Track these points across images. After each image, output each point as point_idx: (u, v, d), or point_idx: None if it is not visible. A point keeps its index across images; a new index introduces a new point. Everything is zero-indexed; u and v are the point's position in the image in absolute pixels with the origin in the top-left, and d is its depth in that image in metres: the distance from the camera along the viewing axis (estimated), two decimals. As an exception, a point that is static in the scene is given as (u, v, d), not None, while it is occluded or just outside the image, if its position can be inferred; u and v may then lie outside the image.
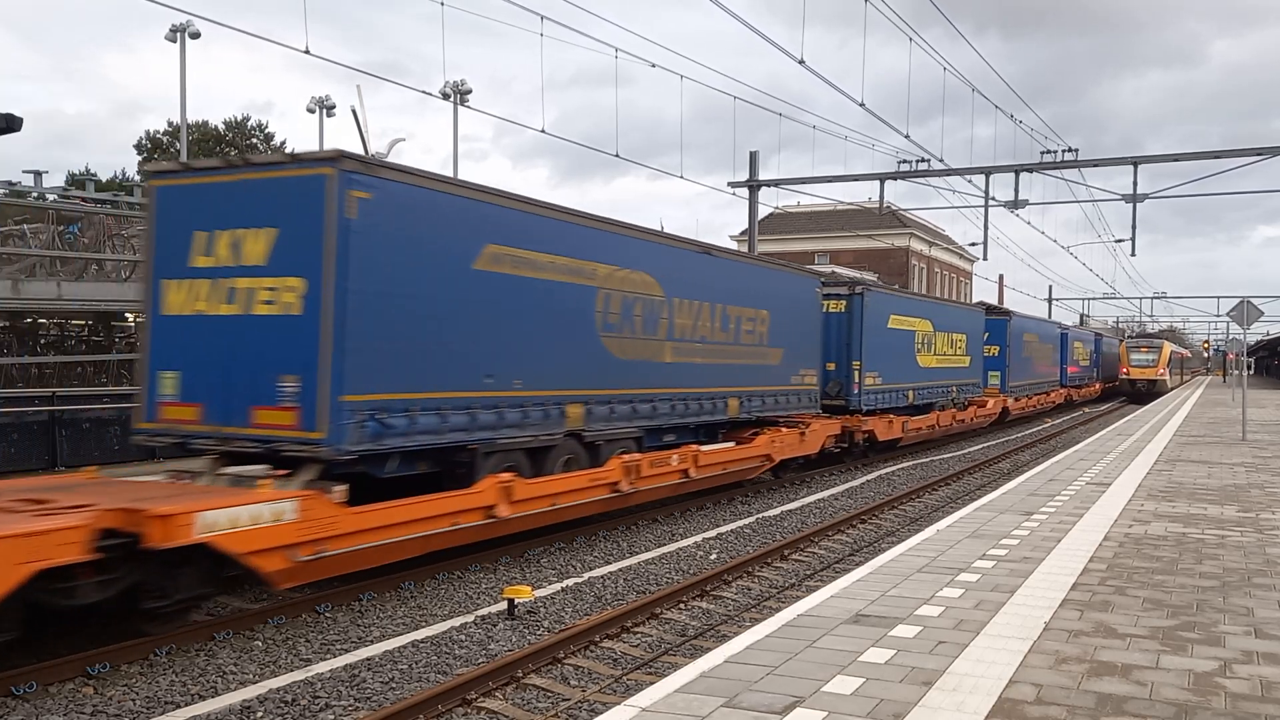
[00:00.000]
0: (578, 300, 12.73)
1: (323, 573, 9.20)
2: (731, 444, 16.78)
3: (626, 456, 13.59)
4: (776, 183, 29.09)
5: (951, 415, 27.76)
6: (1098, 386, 57.50)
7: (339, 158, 9.52)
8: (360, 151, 33.81)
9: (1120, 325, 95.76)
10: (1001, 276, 65.36)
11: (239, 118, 50.56)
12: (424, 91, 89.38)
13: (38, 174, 26.95)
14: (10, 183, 25.59)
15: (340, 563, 9.30)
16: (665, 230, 16.37)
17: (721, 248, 16.98)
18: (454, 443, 10.84)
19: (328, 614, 9.32)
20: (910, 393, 24.63)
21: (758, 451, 17.29)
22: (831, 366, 21.22)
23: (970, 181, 27.37)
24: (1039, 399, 40.10)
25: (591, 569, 11.46)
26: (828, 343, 20.95)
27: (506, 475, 11.24)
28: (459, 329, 10.75)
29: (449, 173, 33.39)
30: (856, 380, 21.44)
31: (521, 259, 11.62)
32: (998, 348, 34.04)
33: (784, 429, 18.32)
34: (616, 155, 31.75)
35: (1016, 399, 35.73)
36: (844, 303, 21.71)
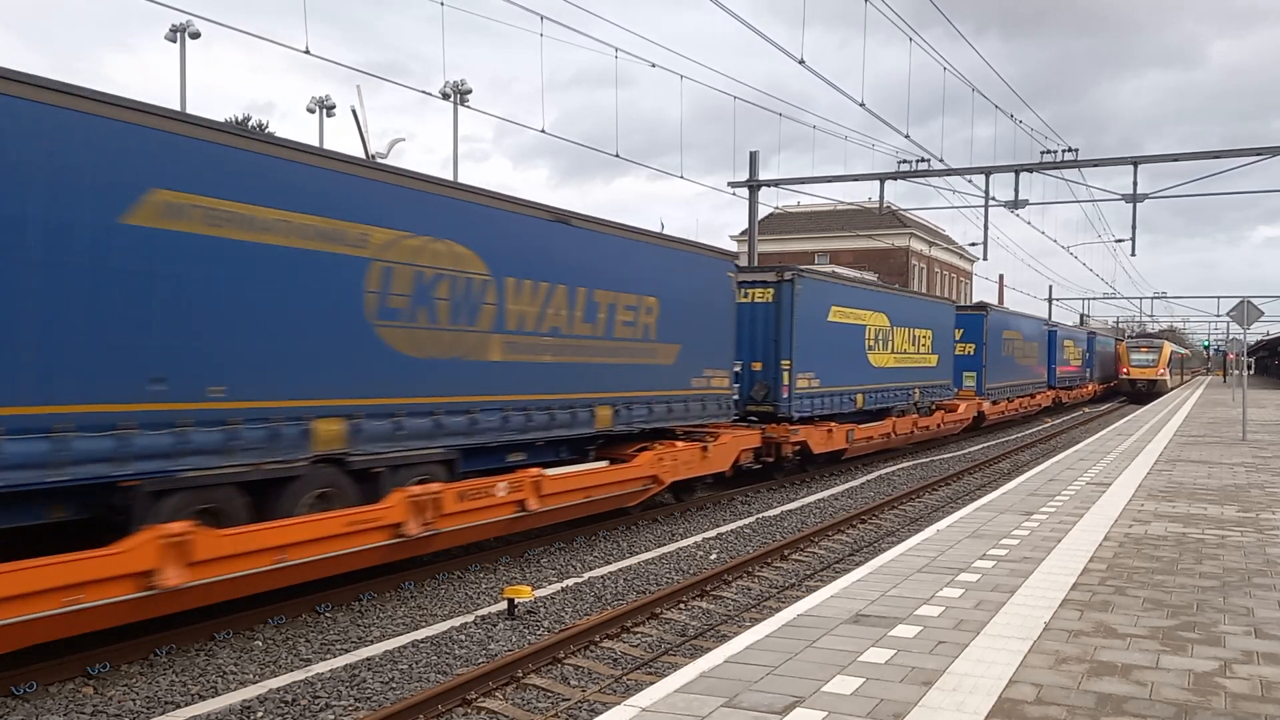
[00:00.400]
0: (334, 276, 9.42)
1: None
2: (604, 463, 13.72)
3: (420, 488, 10.18)
4: (776, 183, 29.08)
5: (912, 422, 24.73)
6: (1092, 388, 54.83)
7: None
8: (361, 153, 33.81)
9: (1120, 325, 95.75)
10: (1001, 276, 65.39)
11: (239, 118, 50.49)
12: (424, 92, 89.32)
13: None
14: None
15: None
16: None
17: (586, 216, 13.24)
18: (88, 479, 7.52)
19: (328, 614, 9.32)
20: (859, 396, 21.69)
21: (637, 473, 13.91)
22: (758, 367, 18.57)
23: (970, 181, 27.37)
24: (1022, 402, 37.28)
25: (591, 569, 11.46)
26: (752, 339, 18.47)
27: (179, 526, 7.86)
28: (90, 311, 7.52)
29: (448, 174, 33.39)
30: (786, 383, 18.45)
31: (223, 214, 8.39)
32: (973, 346, 31.16)
33: (680, 443, 15.12)
34: (616, 155, 31.73)
35: (995, 402, 32.95)
36: (771, 291, 18.70)
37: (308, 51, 14.31)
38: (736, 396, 17.18)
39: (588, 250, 13.09)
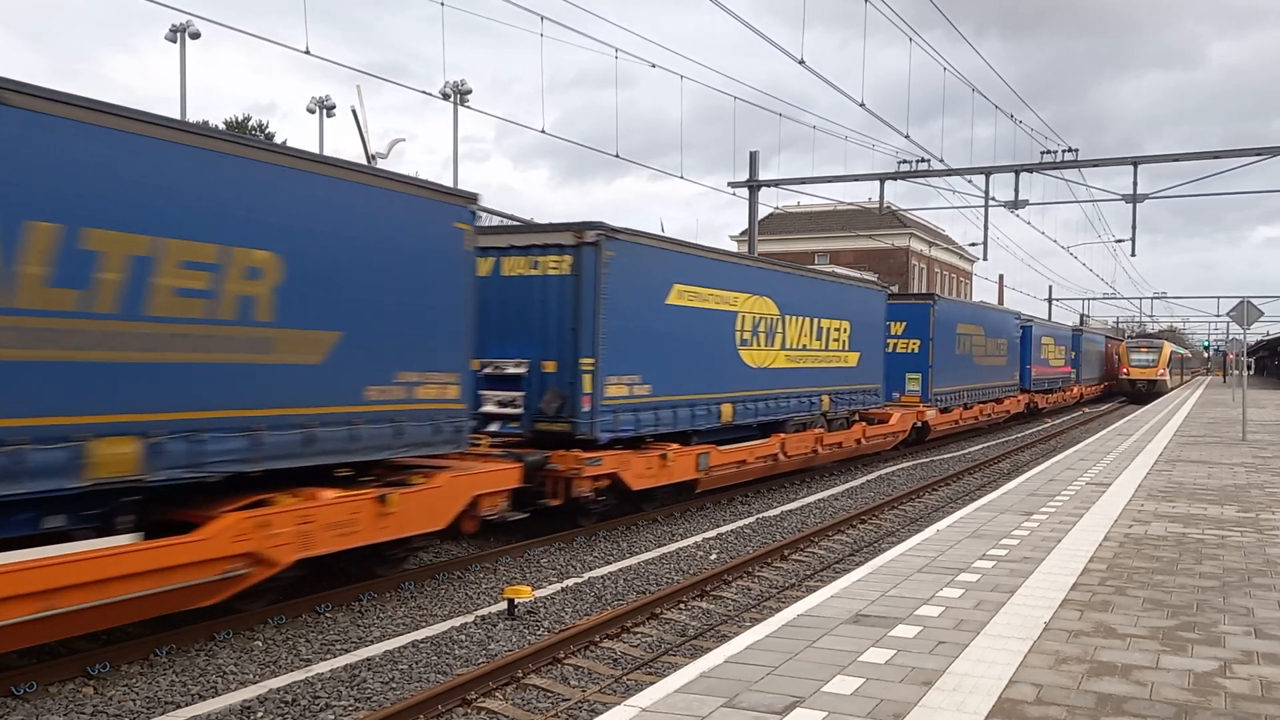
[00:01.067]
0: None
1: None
2: (134, 538, 7.66)
3: None
4: (776, 183, 29.09)
5: (815, 439, 19.07)
6: (1078, 391, 49.66)
7: None
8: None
9: (1120, 325, 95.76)
10: (1001, 276, 65.38)
11: (240, 118, 50.48)
12: (424, 92, 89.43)
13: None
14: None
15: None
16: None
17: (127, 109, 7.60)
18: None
19: (328, 614, 9.32)
20: (725, 408, 16.11)
21: (205, 553, 7.89)
22: (551, 368, 13.11)
23: (970, 181, 27.37)
24: (984, 409, 31.15)
25: (591, 569, 11.46)
26: (543, 327, 13.16)
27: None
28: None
29: (449, 174, 33.25)
30: (588, 390, 12.97)
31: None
32: (918, 342, 26.05)
33: (331, 492, 9.14)
34: (616, 155, 31.75)
35: (945, 409, 26.97)
36: (567, 260, 13.12)
37: (308, 52, 14.33)
38: (475, 412, 11.51)
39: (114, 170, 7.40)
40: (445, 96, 34.51)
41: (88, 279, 7.23)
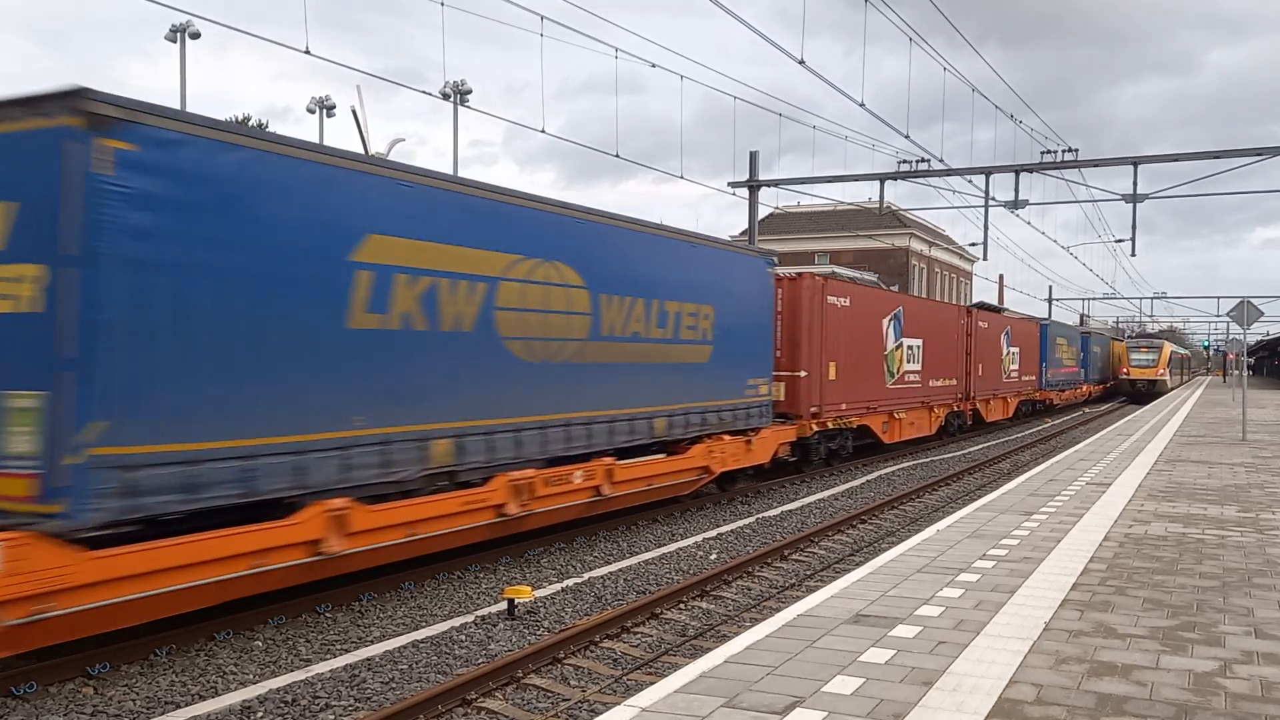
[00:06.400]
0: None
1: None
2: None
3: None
4: (776, 183, 29.08)
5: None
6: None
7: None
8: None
9: (1120, 325, 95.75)
10: (1001, 277, 65.38)
11: (240, 117, 50.47)
12: (424, 92, 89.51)
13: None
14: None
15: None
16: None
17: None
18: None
19: (328, 614, 9.32)
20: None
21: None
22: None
23: (970, 182, 27.36)
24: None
25: (591, 569, 11.46)
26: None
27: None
28: None
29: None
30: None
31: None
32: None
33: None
34: (617, 155, 31.75)
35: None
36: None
37: (307, 51, 14.37)
38: None
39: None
40: (445, 97, 34.58)
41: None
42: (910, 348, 25.01)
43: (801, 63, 18.49)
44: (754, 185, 28.62)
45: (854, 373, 21.27)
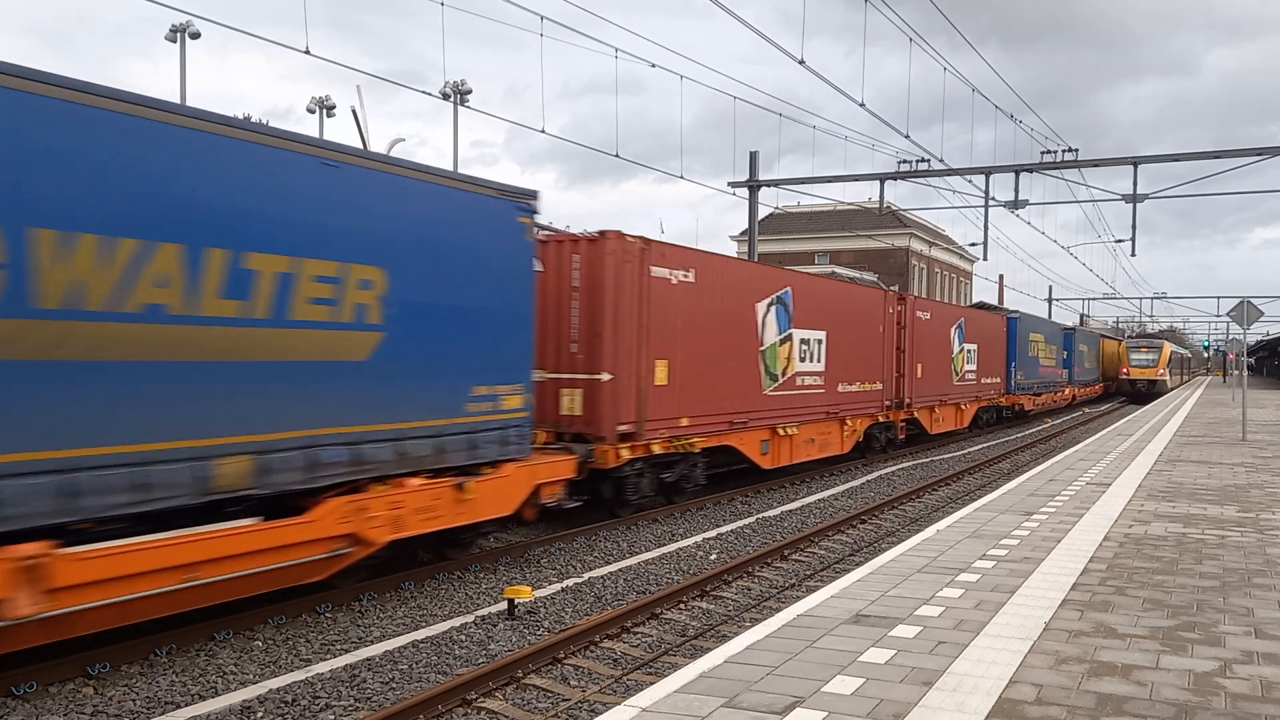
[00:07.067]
0: None
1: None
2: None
3: None
4: (776, 183, 29.10)
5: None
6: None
7: None
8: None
9: (1120, 325, 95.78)
10: (1001, 277, 65.41)
11: (240, 117, 50.56)
12: (424, 92, 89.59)
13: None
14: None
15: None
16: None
17: None
18: None
19: (328, 614, 9.32)
20: None
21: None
22: None
23: (970, 182, 27.39)
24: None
25: (591, 569, 11.46)
26: None
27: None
28: None
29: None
30: None
31: None
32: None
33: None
34: (617, 155, 31.76)
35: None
36: None
37: (307, 51, 14.38)
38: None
39: None
40: (445, 97, 34.64)
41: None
42: (806, 342, 19.20)
43: (802, 63, 18.51)
44: (754, 185, 28.63)
45: (704, 375, 15.57)
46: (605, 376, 13.44)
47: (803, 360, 19.05)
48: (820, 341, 19.87)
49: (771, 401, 17.86)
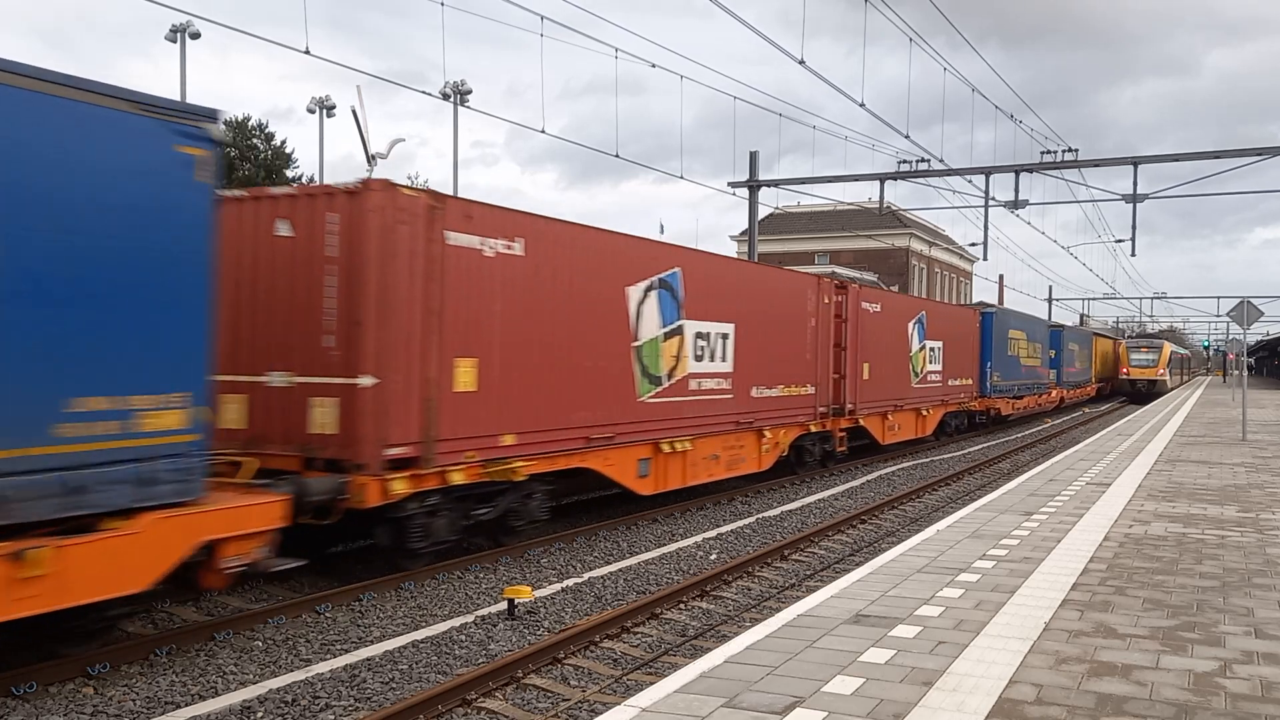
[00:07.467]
0: None
1: None
2: None
3: None
4: (776, 183, 29.11)
5: None
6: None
7: None
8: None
9: (1120, 325, 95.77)
10: (1001, 277, 65.31)
11: (240, 118, 50.43)
12: (424, 92, 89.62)
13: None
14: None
15: None
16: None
17: None
18: None
19: (328, 614, 9.32)
20: None
21: None
22: None
23: (970, 182, 27.40)
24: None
25: (591, 569, 11.46)
26: None
27: None
28: None
29: (449, 178, 33.42)
30: None
31: None
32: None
33: None
34: (617, 156, 31.77)
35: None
36: None
37: (307, 51, 14.40)
38: None
39: None
40: (445, 97, 34.67)
41: None
42: (705, 337, 15.63)
43: (802, 63, 18.51)
44: (754, 185, 28.63)
45: (541, 379, 12.09)
46: (365, 381, 9.78)
47: (699, 359, 15.45)
48: (725, 336, 16.16)
49: (652, 411, 14.31)
